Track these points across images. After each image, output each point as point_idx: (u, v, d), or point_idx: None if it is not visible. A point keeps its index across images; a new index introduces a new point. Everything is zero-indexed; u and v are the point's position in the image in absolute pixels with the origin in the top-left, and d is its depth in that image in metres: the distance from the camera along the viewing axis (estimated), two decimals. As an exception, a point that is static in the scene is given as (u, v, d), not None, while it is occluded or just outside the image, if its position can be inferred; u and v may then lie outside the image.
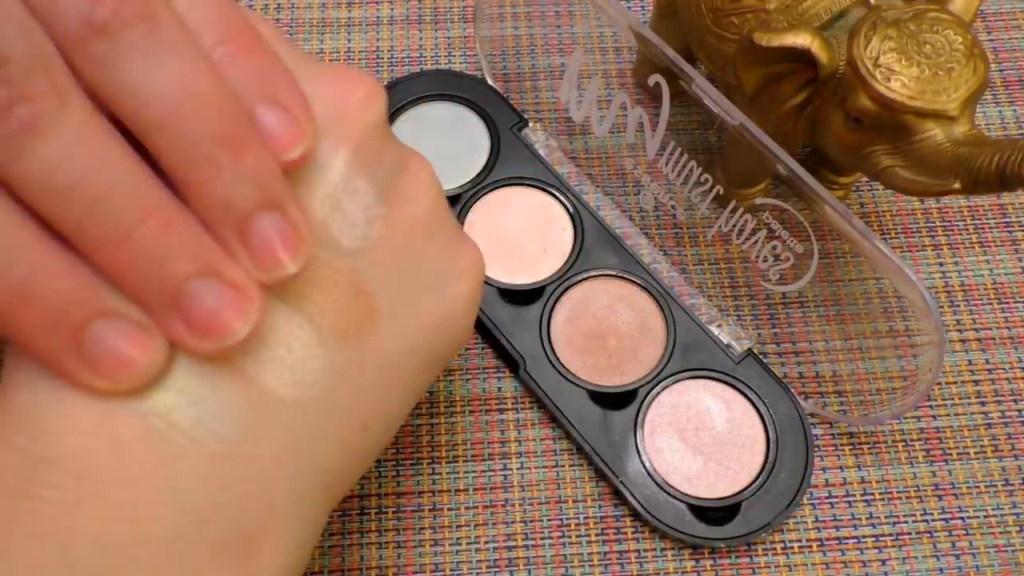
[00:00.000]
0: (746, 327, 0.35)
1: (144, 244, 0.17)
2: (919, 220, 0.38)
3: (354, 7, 0.43)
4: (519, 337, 0.34)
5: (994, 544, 0.32)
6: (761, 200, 0.31)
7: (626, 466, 0.32)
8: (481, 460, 0.33)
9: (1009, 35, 0.42)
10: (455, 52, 0.42)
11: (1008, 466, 0.33)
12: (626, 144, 0.34)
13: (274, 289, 0.19)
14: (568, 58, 0.41)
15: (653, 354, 0.34)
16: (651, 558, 0.31)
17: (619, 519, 0.32)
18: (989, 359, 0.35)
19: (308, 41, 0.41)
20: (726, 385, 0.33)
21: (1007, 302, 0.36)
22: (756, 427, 0.32)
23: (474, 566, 0.31)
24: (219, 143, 0.17)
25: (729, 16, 0.31)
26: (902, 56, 0.27)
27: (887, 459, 0.33)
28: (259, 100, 0.18)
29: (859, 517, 0.32)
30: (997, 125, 0.40)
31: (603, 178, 0.38)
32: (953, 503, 0.32)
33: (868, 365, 0.35)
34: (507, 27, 0.42)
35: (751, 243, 0.32)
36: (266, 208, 0.18)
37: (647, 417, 0.33)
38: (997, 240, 0.37)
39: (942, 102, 0.26)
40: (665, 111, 0.31)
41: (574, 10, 0.43)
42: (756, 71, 0.30)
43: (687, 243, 0.37)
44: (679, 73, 0.30)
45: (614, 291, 0.35)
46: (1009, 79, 0.41)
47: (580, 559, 0.31)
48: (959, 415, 0.34)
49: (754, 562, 0.31)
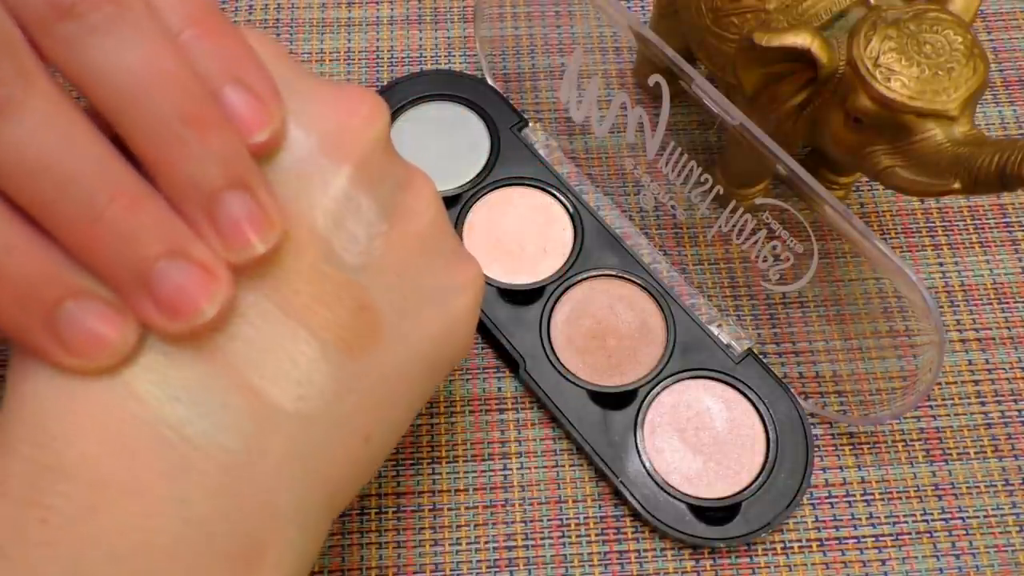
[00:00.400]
0: (746, 327, 0.35)
1: (112, 224, 0.17)
2: (919, 220, 0.38)
3: (354, 7, 0.43)
4: (519, 337, 0.34)
5: (994, 544, 0.32)
6: (761, 200, 0.31)
7: (626, 466, 0.32)
8: (481, 460, 0.33)
9: (1009, 35, 0.42)
10: (455, 52, 0.42)
11: (1008, 466, 0.33)
12: (626, 144, 0.34)
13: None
14: (568, 58, 0.41)
15: (653, 354, 0.34)
16: (651, 558, 0.31)
17: (619, 519, 0.32)
18: (989, 359, 0.35)
19: (308, 41, 0.41)
20: (726, 385, 0.33)
21: (1007, 302, 0.36)
22: (756, 427, 0.32)
23: (474, 566, 0.31)
24: (184, 122, 0.17)
25: (729, 16, 0.31)
26: (902, 56, 0.27)
27: (887, 459, 0.33)
28: (226, 82, 0.19)
29: (859, 517, 0.32)
30: (997, 125, 0.40)
31: (603, 178, 0.38)
32: (953, 503, 0.32)
33: (868, 365, 0.35)
34: (507, 27, 0.42)
35: (751, 243, 0.32)
36: (234, 188, 0.18)
37: (647, 417, 0.33)
38: (997, 240, 0.37)
39: (942, 102, 0.26)
40: (665, 111, 0.31)
41: (574, 10, 0.43)
42: (756, 71, 0.30)
43: (687, 243, 0.37)
44: (679, 73, 0.30)
45: (614, 291, 0.35)
46: (1009, 79, 0.41)
47: (580, 559, 0.31)
48: (959, 415, 0.34)
49: (754, 562, 0.31)
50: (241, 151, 0.18)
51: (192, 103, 0.18)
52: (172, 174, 0.18)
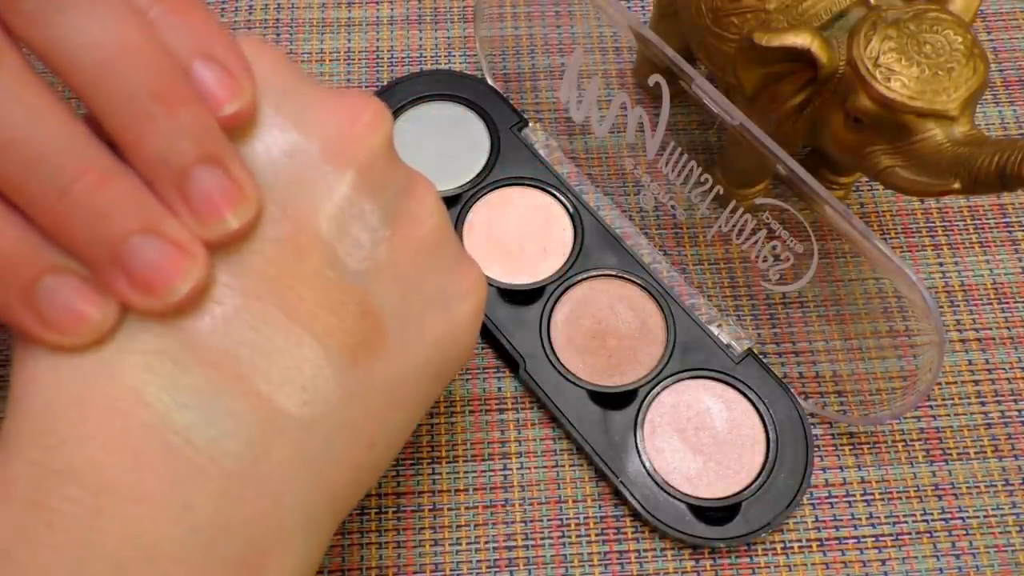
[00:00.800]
0: (746, 327, 0.35)
1: (81, 201, 0.17)
2: (919, 220, 0.38)
3: (354, 7, 0.43)
4: (519, 337, 0.34)
5: (994, 544, 0.32)
6: (761, 200, 0.31)
7: (626, 466, 0.32)
8: (481, 460, 0.33)
9: (1009, 35, 0.42)
10: (455, 52, 0.42)
11: (1008, 466, 0.33)
12: (626, 144, 0.34)
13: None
14: (568, 58, 0.41)
15: (653, 354, 0.34)
16: (651, 558, 0.31)
17: (619, 519, 0.32)
18: (989, 359, 0.35)
19: (308, 41, 0.41)
20: (726, 385, 0.33)
21: (1007, 302, 0.36)
22: (756, 427, 0.32)
23: (474, 566, 0.31)
24: (153, 98, 0.17)
25: (729, 16, 0.31)
26: (902, 56, 0.27)
27: (887, 459, 0.33)
28: (195, 57, 0.18)
29: (859, 517, 0.32)
30: (997, 125, 0.40)
31: (603, 178, 0.38)
32: (953, 503, 0.32)
33: (868, 365, 0.35)
34: (507, 27, 0.42)
35: (751, 243, 0.32)
36: (205, 163, 0.18)
37: (647, 417, 0.33)
38: (997, 240, 0.37)
39: (942, 102, 0.26)
40: (665, 111, 0.31)
41: (574, 10, 0.43)
42: (756, 71, 0.30)
43: (687, 243, 0.37)
44: (679, 73, 0.30)
45: (614, 291, 0.35)
46: (1009, 79, 0.41)
47: (580, 559, 0.31)
48: (959, 415, 0.34)
49: (754, 562, 0.31)
50: (212, 126, 0.18)
51: (161, 78, 0.18)
52: (142, 150, 0.18)
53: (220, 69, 0.19)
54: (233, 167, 0.19)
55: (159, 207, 0.18)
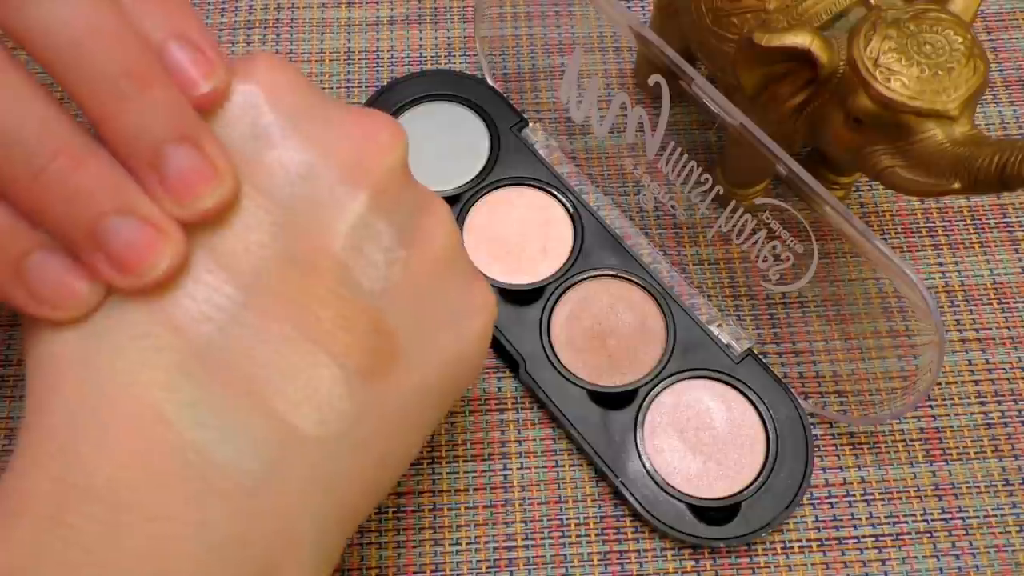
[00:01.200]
0: (746, 327, 0.35)
1: (56, 181, 0.17)
2: (919, 220, 0.38)
3: (354, 7, 0.43)
4: (519, 337, 0.34)
5: (994, 544, 0.32)
6: (761, 200, 0.31)
7: (626, 466, 0.32)
8: (481, 460, 0.33)
9: (1009, 35, 0.42)
10: (455, 52, 0.42)
11: (1008, 466, 0.33)
12: (626, 144, 0.34)
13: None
14: (568, 58, 0.41)
15: (653, 354, 0.34)
16: (651, 558, 0.31)
17: (619, 519, 0.32)
18: (989, 359, 0.35)
19: (308, 41, 0.41)
20: (726, 385, 0.33)
21: (1007, 302, 0.36)
22: (756, 427, 0.32)
23: (474, 566, 0.31)
24: (125, 76, 0.17)
25: (729, 16, 0.31)
26: (902, 56, 0.27)
27: (887, 459, 0.33)
28: (168, 39, 0.19)
29: (859, 517, 0.32)
30: (997, 125, 0.40)
31: (603, 178, 0.38)
32: (953, 503, 0.32)
33: (868, 365, 0.35)
34: (507, 27, 0.42)
35: (751, 243, 0.32)
36: (178, 141, 0.18)
37: (647, 417, 0.33)
38: (997, 240, 0.37)
39: (942, 102, 0.26)
40: (665, 111, 0.31)
41: (574, 10, 0.43)
42: (756, 71, 0.30)
43: (687, 243, 0.37)
44: (679, 73, 0.30)
45: (614, 291, 0.35)
46: (1009, 79, 0.41)
47: (580, 559, 0.31)
48: (959, 415, 0.34)
49: (754, 562, 0.31)
50: (185, 105, 0.19)
51: (133, 58, 0.18)
52: (116, 130, 0.18)
53: (194, 50, 0.19)
54: (207, 145, 0.19)
55: (134, 187, 0.18)
